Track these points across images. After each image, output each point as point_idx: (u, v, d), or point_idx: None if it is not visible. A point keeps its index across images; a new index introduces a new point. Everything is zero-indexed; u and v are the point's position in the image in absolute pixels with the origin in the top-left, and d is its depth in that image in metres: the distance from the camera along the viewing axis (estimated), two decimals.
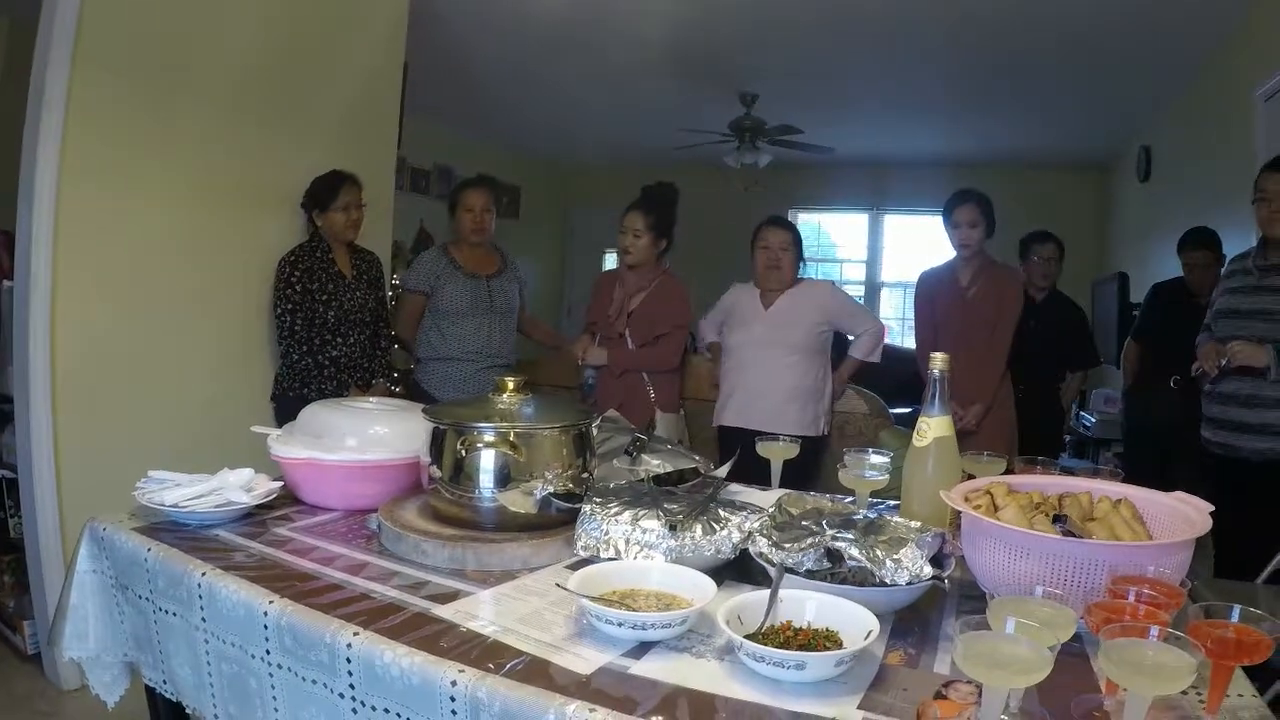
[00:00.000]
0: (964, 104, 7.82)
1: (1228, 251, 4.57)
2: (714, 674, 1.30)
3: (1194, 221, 5.10)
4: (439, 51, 6.19)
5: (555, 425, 1.86)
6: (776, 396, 4.11)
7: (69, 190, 3.48)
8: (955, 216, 4.27)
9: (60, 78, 3.42)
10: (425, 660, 1.31)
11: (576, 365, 4.43)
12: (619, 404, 3.95)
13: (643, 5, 5.83)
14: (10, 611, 3.85)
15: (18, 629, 3.76)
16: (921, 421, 1.92)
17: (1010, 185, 5.51)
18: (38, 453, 3.47)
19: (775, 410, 4.04)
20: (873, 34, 6.18)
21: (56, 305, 3.47)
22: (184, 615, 1.71)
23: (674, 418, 4.24)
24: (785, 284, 4.24)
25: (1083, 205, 9.48)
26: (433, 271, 4.46)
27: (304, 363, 4.03)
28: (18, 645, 3.77)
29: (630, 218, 4.26)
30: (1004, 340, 4.27)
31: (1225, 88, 5.72)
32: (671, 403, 4.32)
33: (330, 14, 4.45)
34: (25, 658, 3.72)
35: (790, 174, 9.92)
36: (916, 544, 1.50)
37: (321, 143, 4.37)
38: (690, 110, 8.10)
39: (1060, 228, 5.31)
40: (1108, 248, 9.14)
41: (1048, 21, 5.63)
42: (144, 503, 1.97)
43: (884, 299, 11.24)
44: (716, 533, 1.67)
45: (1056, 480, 1.84)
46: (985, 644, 1.16)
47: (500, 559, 1.72)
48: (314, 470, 2.08)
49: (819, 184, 10.69)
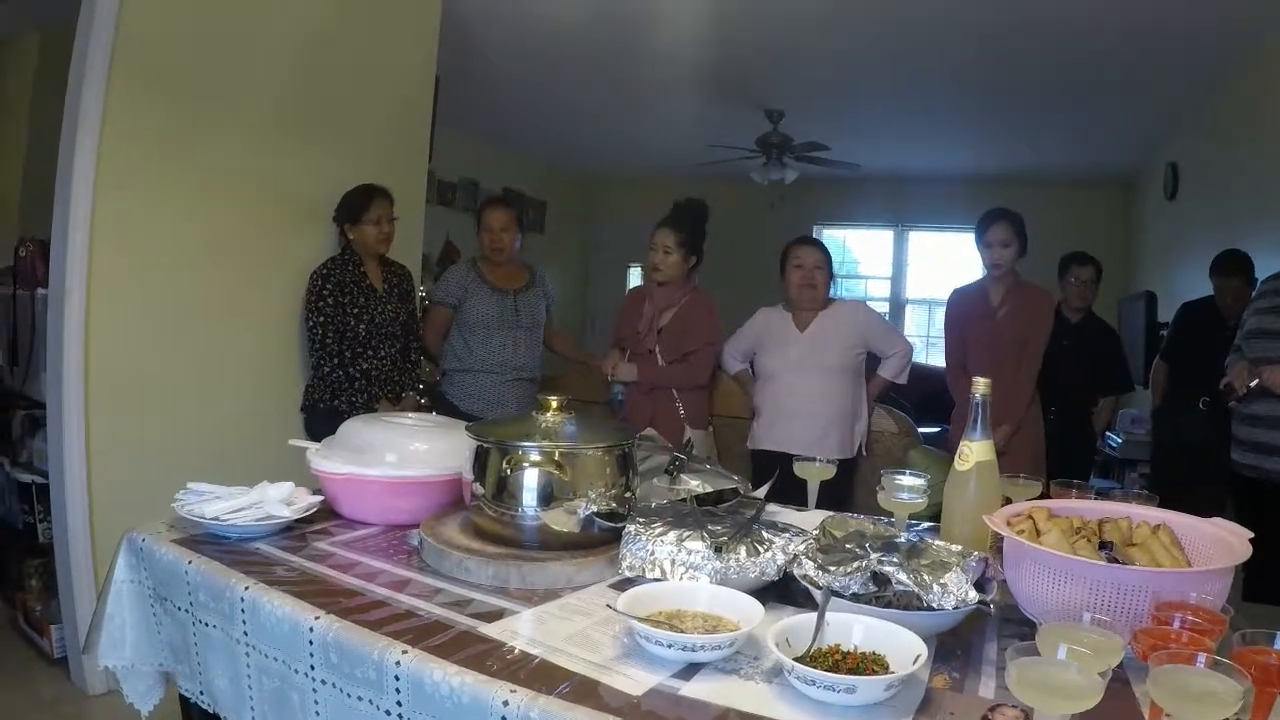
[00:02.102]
0: (988, 120, 7.82)
1: (1259, 274, 4.55)
2: (763, 696, 1.30)
3: (1222, 240, 5.08)
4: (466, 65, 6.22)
5: (600, 445, 1.86)
6: (815, 421, 4.07)
7: (104, 200, 3.50)
8: (988, 236, 4.25)
9: (96, 89, 3.44)
10: (476, 680, 1.31)
11: (604, 381, 4.42)
12: (648, 420, 3.95)
13: (671, 22, 5.84)
14: (38, 616, 3.86)
15: (45, 633, 3.78)
16: (964, 445, 1.92)
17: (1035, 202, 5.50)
18: (69, 459, 3.49)
19: (814, 435, 3.99)
20: (898, 50, 6.19)
21: (91, 314, 3.49)
22: (225, 628, 1.71)
23: (703, 434, 4.22)
24: (819, 304, 4.21)
25: (1108, 223, 9.44)
26: (460, 284, 4.48)
27: (335, 375, 4.03)
28: (45, 649, 3.78)
29: (661, 234, 4.25)
30: (1034, 361, 4.25)
31: (1254, 103, 5.69)
32: (701, 419, 4.30)
33: (363, 29, 4.46)
34: (52, 661, 3.73)
35: (814, 190, 9.91)
36: (961, 568, 1.50)
37: (354, 156, 4.38)
38: (716, 126, 8.11)
39: (1085, 245, 5.29)
40: (1133, 266, 9.09)
41: (1073, 37, 5.62)
42: (184, 514, 1.97)
43: (908, 316, 11.19)
44: (760, 554, 1.67)
45: (1095, 505, 1.85)
46: (1038, 670, 1.18)
47: (544, 577, 1.72)
48: (354, 485, 2.08)
49: (843, 200, 10.67)
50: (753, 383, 4.37)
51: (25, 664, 3.77)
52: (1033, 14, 5.33)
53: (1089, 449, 5.38)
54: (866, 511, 2.35)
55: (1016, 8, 5.27)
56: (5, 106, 6.46)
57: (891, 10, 5.48)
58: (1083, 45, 5.74)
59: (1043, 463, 4.18)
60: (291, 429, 4.01)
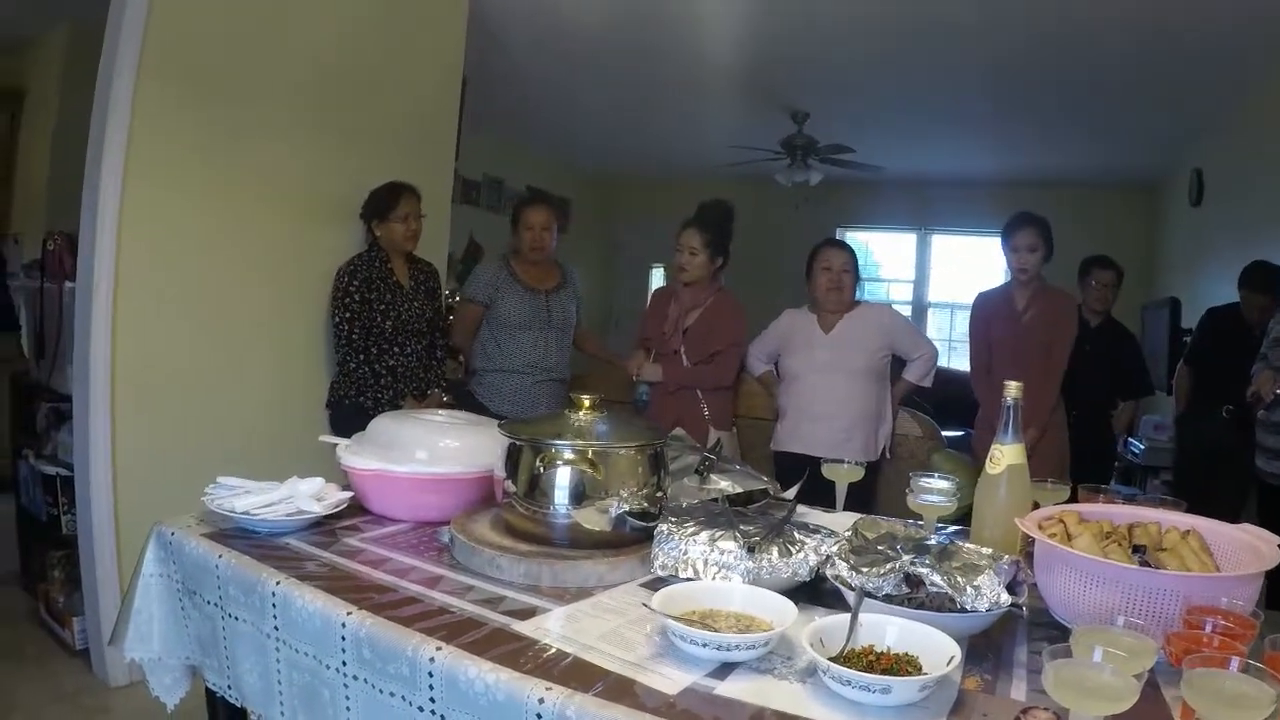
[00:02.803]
0: (1012, 124, 7.79)
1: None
2: (797, 696, 1.30)
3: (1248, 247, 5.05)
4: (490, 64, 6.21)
5: (633, 444, 1.86)
6: (839, 423, 4.08)
7: (133, 194, 3.51)
8: (1015, 240, 4.24)
9: (126, 85, 3.46)
10: (511, 677, 1.31)
11: (630, 380, 4.42)
12: (673, 421, 3.94)
13: (695, 23, 5.83)
14: (60, 607, 3.89)
15: (67, 625, 3.80)
16: (995, 448, 1.91)
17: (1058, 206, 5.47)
18: (95, 452, 3.50)
19: (838, 437, 4.00)
20: (923, 53, 6.17)
21: (118, 307, 3.51)
22: (255, 623, 1.72)
23: (728, 435, 4.21)
24: (845, 306, 4.22)
25: (1131, 228, 9.36)
26: (492, 283, 4.46)
27: (360, 371, 4.04)
28: (67, 640, 3.81)
29: (687, 235, 4.24)
30: (1058, 365, 4.24)
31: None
32: (725, 420, 4.30)
33: (392, 28, 4.47)
34: (74, 653, 3.76)
35: (838, 192, 9.89)
36: (994, 571, 1.50)
37: (381, 154, 4.38)
38: (740, 127, 8.11)
39: (1108, 250, 5.26)
40: (1157, 272, 9.03)
41: (1098, 42, 5.60)
42: (213, 508, 1.98)
43: (931, 319, 11.14)
44: (793, 555, 1.66)
45: (1125, 510, 1.85)
46: (1075, 671, 1.19)
47: (576, 576, 1.72)
48: (384, 481, 2.08)
49: (866, 203, 10.65)
50: (777, 384, 4.36)
51: (47, 655, 3.79)
52: (1058, 18, 5.30)
53: (1109, 453, 5.36)
54: (888, 514, 2.34)
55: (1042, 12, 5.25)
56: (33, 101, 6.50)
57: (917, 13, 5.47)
58: (1108, 50, 5.71)
59: (1067, 467, 4.17)
60: (316, 425, 4.03)
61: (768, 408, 4.44)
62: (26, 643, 3.89)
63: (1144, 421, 6.65)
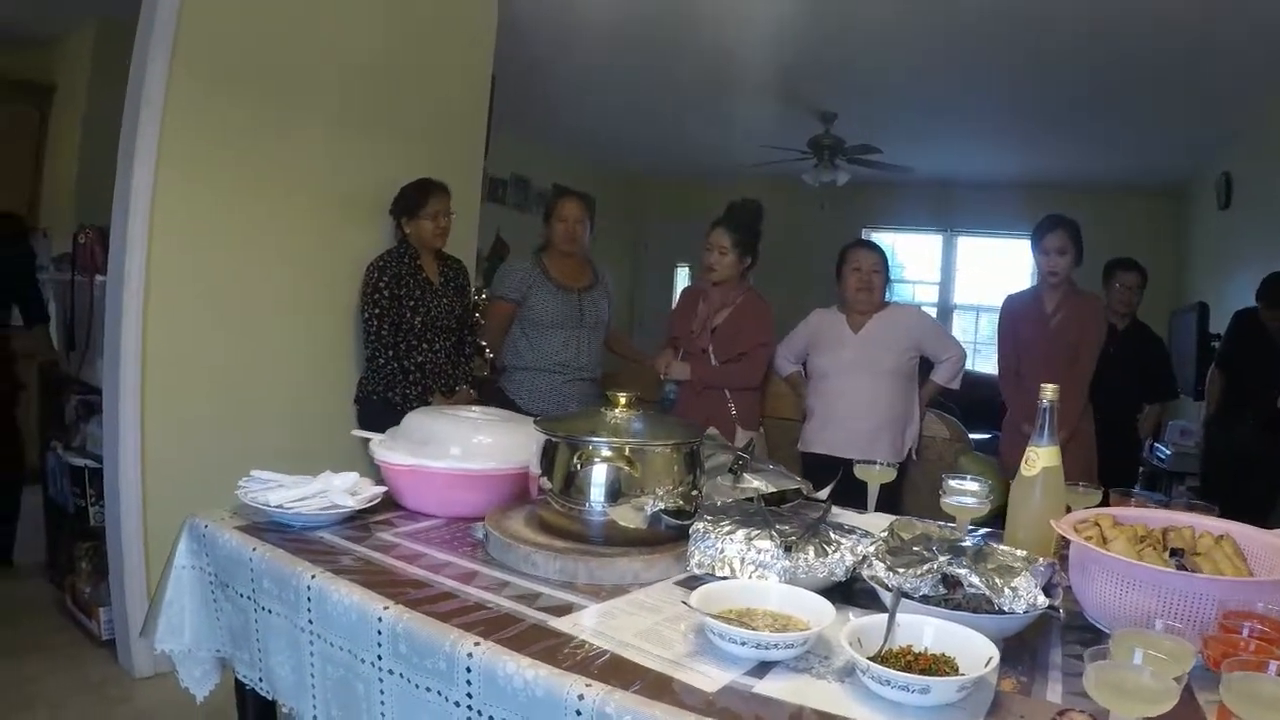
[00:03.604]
0: (1040, 126, 7.75)
1: None
2: (836, 695, 1.30)
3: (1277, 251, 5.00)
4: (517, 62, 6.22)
5: (669, 442, 1.86)
6: (867, 423, 4.08)
7: (164, 189, 3.53)
8: (1045, 243, 4.21)
9: (158, 80, 3.47)
10: (550, 673, 1.30)
11: (657, 379, 4.41)
12: (700, 420, 3.92)
13: (723, 22, 5.83)
14: (87, 598, 3.90)
15: (94, 615, 3.82)
16: (1030, 451, 1.91)
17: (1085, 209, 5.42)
18: (124, 444, 3.52)
19: (866, 437, 4.00)
20: (951, 55, 6.16)
21: (149, 301, 3.52)
22: (289, 616, 1.72)
23: (755, 435, 4.21)
24: (874, 306, 4.22)
25: (1159, 232, 9.30)
26: (524, 281, 4.43)
27: (389, 367, 4.04)
28: (93, 631, 3.83)
29: (716, 234, 4.23)
30: (1087, 369, 4.21)
31: None
32: (752, 420, 4.29)
33: (423, 25, 4.47)
34: (100, 643, 3.78)
35: (864, 193, 9.88)
36: (1031, 573, 1.49)
37: (411, 151, 4.38)
38: (767, 127, 8.11)
39: (1135, 254, 5.24)
40: (1185, 276, 8.98)
41: (1126, 43, 5.57)
42: (247, 501, 1.98)
43: (956, 322, 11.09)
44: (829, 555, 1.66)
45: (1159, 514, 1.85)
46: (1115, 673, 1.19)
47: (612, 573, 1.72)
48: (418, 477, 2.09)
49: (892, 204, 10.62)
50: (805, 385, 4.35)
51: (72, 645, 3.81)
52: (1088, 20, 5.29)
53: (1134, 457, 5.34)
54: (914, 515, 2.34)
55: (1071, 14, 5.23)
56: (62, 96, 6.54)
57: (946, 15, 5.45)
58: (1137, 52, 5.69)
59: (1095, 472, 4.14)
60: (344, 420, 4.04)
61: (794, 408, 4.44)
62: (53, 633, 3.91)
63: (1170, 427, 6.62)
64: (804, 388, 4.39)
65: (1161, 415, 5.51)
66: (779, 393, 4.55)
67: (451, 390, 4.21)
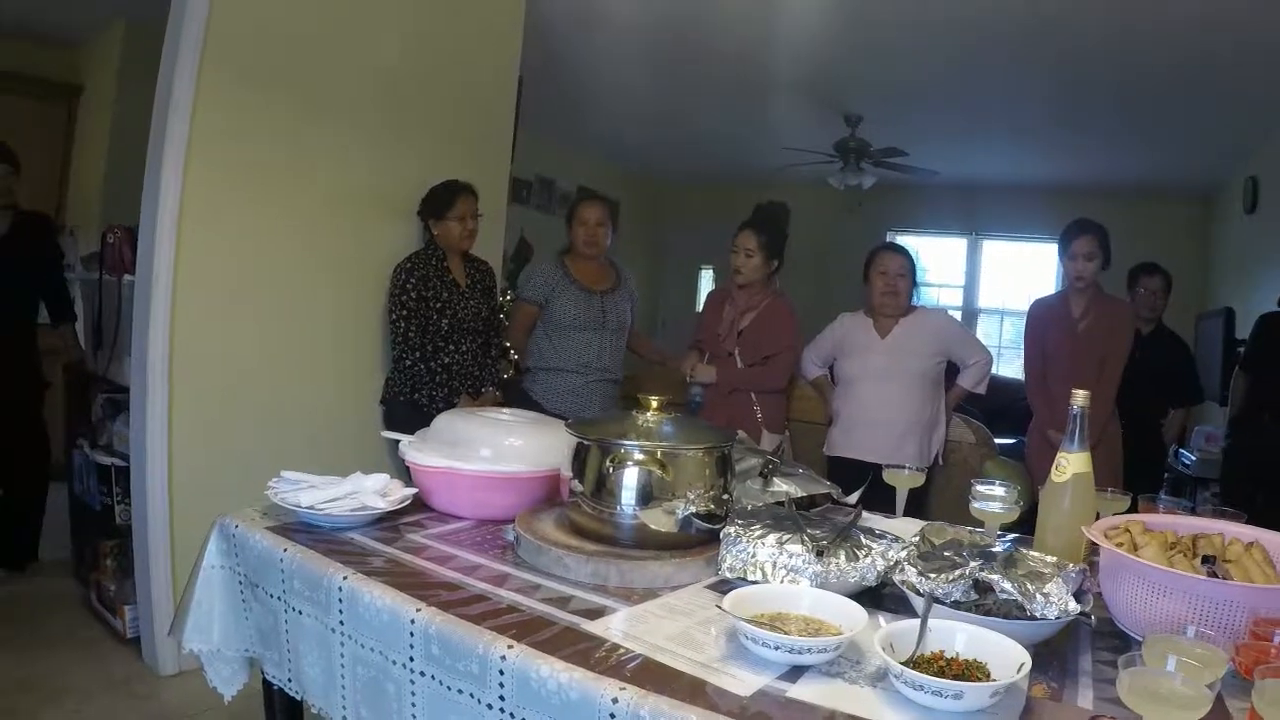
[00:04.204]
0: (1065, 129, 7.72)
1: None
2: (868, 700, 1.30)
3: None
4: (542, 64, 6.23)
5: (700, 446, 1.86)
6: (895, 428, 4.08)
7: (193, 189, 3.54)
8: (1073, 247, 4.20)
9: (187, 81, 3.49)
10: (585, 676, 1.31)
11: (683, 382, 4.41)
12: (726, 424, 3.93)
13: (748, 25, 5.82)
14: (112, 596, 3.92)
15: (118, 613, 3.83)
16: (1060, 456, 1.90)
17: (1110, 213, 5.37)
18: (151, 443, 3.53)
19: (893, 442, 4.02)
20: (978, 58, 6.15)
21: (177, 300, 3.54)
22: (319, 617, 1.72)
23: (779, 439, 4.22)
24: (901, 311, 4.22)
25: (1185, 236, 9.25)
26: (548, 283, 4.45)
27: (416, 368, 4.04)
28: (117, 629, 3.84)
29: (743, 237, 4.25)
30: (1114, 374, 4.19)
31: None
32: (778, 423, 4.30)
33: (451, 26, 4.47)
34: (124, 641, 3.79)
35: (888, 196, 9.83)
36: (1061, 579, 1.49)
37: (438, 153, 4.38)
38: (793, 129, 8.11)
39: (1161, 258, 5.24)
40: (1210, 281, 8.93)
41: (1153, 47, 5.55)
42: (278, 502, 1.99)
43: (980, 326, 11.03)
44: (860, 560, 1.66)
45: (1189, 520, 1.86)
46: (1148, 680, 1.21)
47: (643, 576, 1.72)
48: (448, 479, 2.09)
49: (917, 207, 10.57)
50: (830, 388, 4.34)
51: (97, 643, 3.82)
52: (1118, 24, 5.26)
53: (1159, 462, 5.31)
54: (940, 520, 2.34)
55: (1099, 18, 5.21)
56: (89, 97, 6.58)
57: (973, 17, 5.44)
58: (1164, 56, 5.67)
59: (1121, 478, 4.12)
60: (369, 420, 4.07)
61: (820, 411, 4.44)
62: (77, 629, 3.93)
63: (1196, 433, 6.57)
64: (829, 391, 4.38)
65: (1186, 420, 5.48)
66: (804, 396, 4.55)
67: (478, 392, 4.23)
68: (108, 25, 6.27)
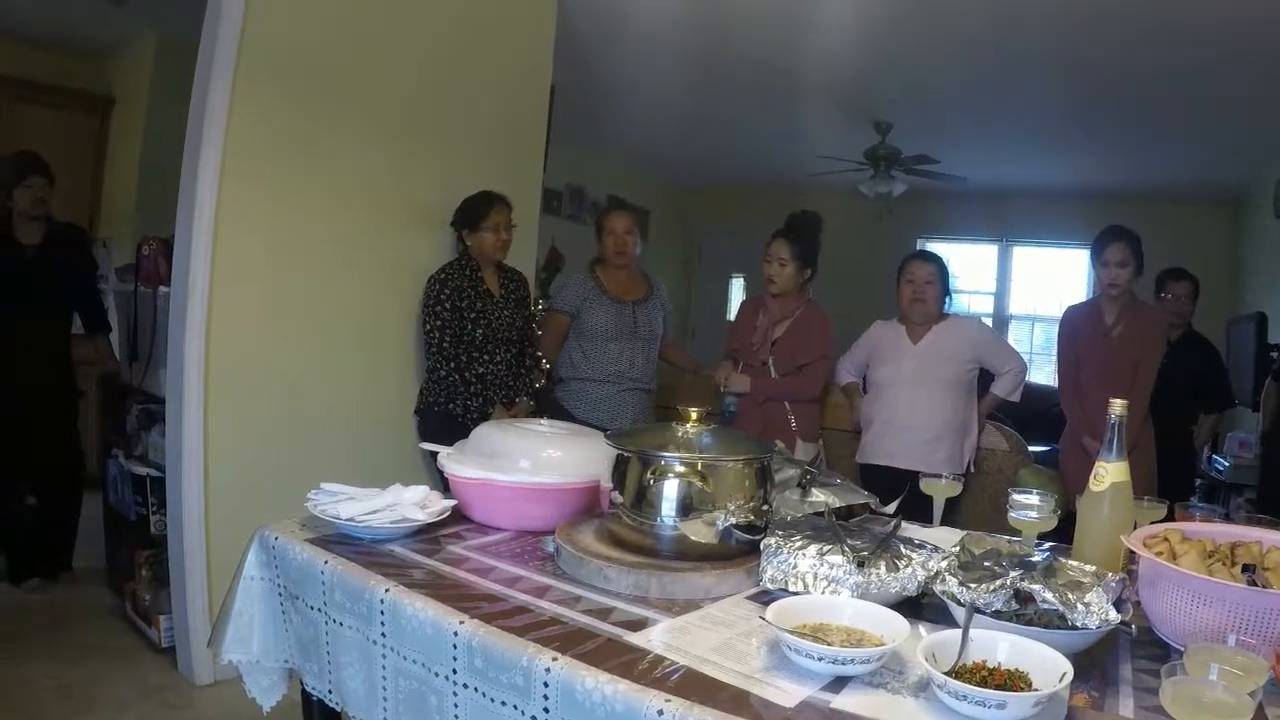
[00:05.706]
0: (1095, 135, 7.68)
1: None
2: (912, 710, 1.30)
3: None
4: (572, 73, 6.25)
5: (740, 457, 1.86)
6: (926, 435, 4.08)
7: (228, 199, 3.56)
8: (1105, 254, 4.18)
9: (222, 91, 3.51)
10: (630, 688, 1.31)
11: (716, 391, 4.42)
12: (760, 433, 3.92)
13: (777, 33, 5.82)
14: (147, 606, 3.94)
15: (154, 623, 3.85)
16: (1099, 465, 1.90)
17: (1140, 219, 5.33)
18: (187, 454, 3.56)
19: (925, 447, 4.01)
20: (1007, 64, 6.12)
21: (212, 311, 3.56)
22: (361, 629, 1.73)
23: (814, 448, 4.22)
24: (931, 318, 4.22)
25: (1215, 241, 9.16)
26: (579, 294, 4.47)
27: (451, 379, 4.06)
28: (152, 638, 3.86)
29: (776, 245, 4.26)
30: (1147, 381, 4.17)
31: None
32: (812, 432, 4.30)
33: (484, 37, 4.49)
34: (159, 650, 3.81)
35: (919, 203, 9.80)
36: (1101, 588, 1.49)
37: (472, 162, 4.40)
38: (823, 137, 8.10)
39: (1191, 263, 5.21)
40: (1241, 285, 8.85)
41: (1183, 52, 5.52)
42: (317, 514, 1.99)
43: (1011, 332, 10.94)
44: (900, 570, 1.66)
45: (1227, 529, 1.85)
46: (1191, 688, 1.22)
47: (684, 588, 1.72)
48: (488, 490, 2.09)
49: (947, 214, 10.51)
50: (861, 395, 4.34)
51: (132, 652, 3.84)
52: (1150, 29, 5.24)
53: (1191, 469, 5.27)
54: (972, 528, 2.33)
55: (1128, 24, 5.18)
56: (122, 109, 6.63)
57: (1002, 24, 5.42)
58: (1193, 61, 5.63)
59: (1155, 484, 4.10)
60: (405, 431, 4.09)
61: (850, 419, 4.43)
62: (113, 638, 3.96)
63: (1229, 438, 6.52)
64: (857, 398, 4.38)
65: (1218, 425, 5.45)
66: (836, 404, 4.54)
67: (512, 402, 4.24)
68: (140, 37, 6.32)
